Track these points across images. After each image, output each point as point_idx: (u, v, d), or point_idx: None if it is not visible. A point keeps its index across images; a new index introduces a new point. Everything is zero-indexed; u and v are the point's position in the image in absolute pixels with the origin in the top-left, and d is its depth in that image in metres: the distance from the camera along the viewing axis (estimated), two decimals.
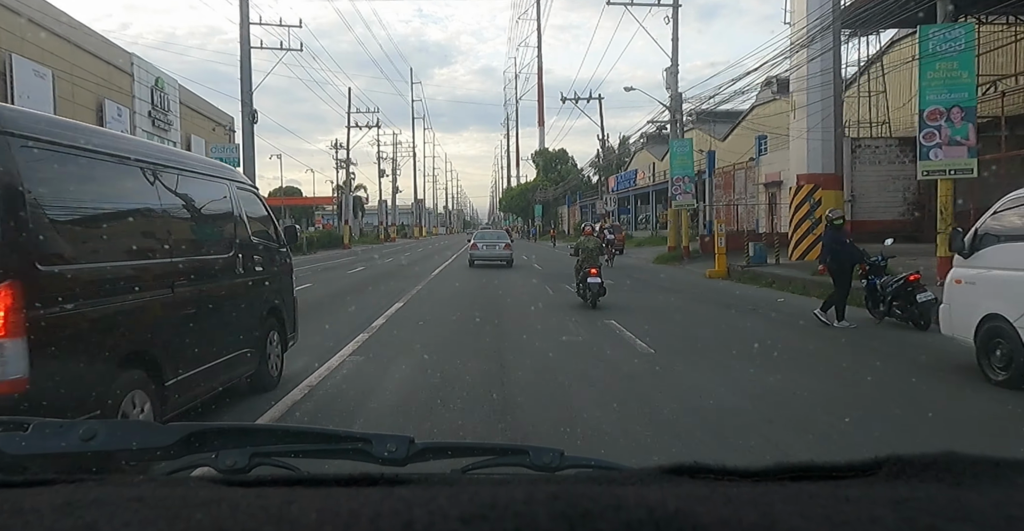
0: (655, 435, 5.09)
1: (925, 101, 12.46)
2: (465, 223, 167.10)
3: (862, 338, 9.52)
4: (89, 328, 3.99)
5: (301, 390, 6.37)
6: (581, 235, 14.06)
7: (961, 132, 12.16)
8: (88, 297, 3.96)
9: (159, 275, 4.73)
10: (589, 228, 14.94)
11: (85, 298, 3.93)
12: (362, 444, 1.03)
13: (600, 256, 13.43)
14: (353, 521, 0.55)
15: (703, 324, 11.27)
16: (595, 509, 0.55)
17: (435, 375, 7.07)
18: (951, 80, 12.25)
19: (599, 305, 12.48)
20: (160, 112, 38.65)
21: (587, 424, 5.33)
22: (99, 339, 4.05)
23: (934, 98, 12.34)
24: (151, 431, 1.04)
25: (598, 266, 12.81)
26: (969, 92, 12.36)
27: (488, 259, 24.89)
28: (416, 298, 14.81)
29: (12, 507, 0.62)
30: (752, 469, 0.76)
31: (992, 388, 6.51)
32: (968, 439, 5.09)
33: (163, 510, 0.59)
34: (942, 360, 7.77)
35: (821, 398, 6.24)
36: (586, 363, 7.89)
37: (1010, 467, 0.70)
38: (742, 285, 17.29)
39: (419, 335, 9.77)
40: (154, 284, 4.64)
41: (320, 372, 7.12)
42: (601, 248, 14.10)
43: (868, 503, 0.60)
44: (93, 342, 4.01)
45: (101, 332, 4.09)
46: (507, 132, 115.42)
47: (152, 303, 4.59)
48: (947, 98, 12.27)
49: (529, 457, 1.03)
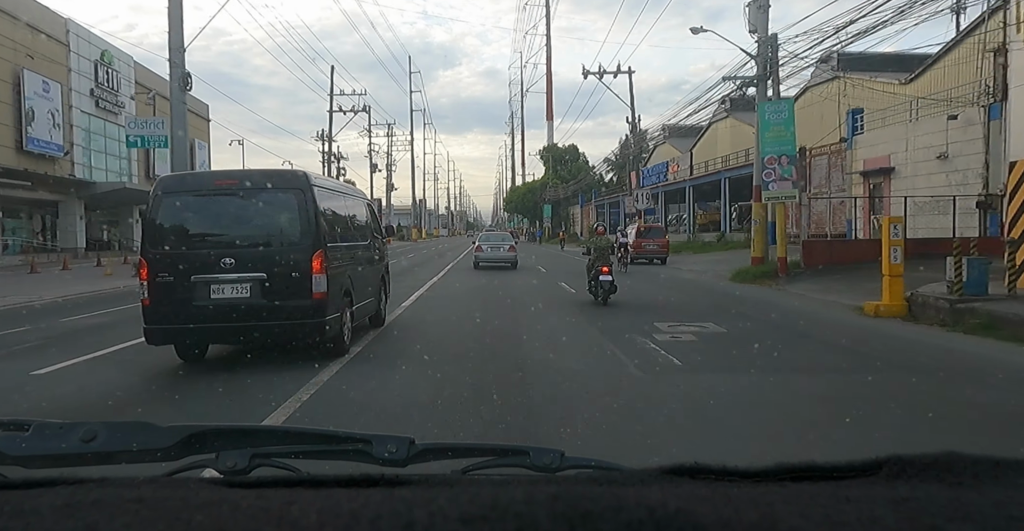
0: None
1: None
2: (468, 224, 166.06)
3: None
4: (338, 273, 7.98)
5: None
6: (593, 235, 14.46)
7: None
8: (336, 259, 8.03)
9: (350, 251, 8.92)
10: (601, 228, 15.14)
11: (336, 259, 7.98)
12: (362, 445, 1.03)
13: (611, 255, 13.63)
14: (354, 522, 0.56)
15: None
16: (595, 510, 0.55)
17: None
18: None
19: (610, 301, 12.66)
20: (107, 92, 34.37)
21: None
22: (340, 279, 8.06)
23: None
24: (151, 432, 1.04)
25: (609, 265, 13.08)
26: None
27: (493, 261, 24.98)
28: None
29: (13, 508, 0.62)
30: (752, 469, 0.76)
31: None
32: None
33: (164, 511, 0.59)
34: None
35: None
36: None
37: (1011, 467, 0.70)
38: (965, 338, 9.31)
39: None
40: (350, 255, 8.84)
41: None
42: (612, 248, 14.29)
43: (869, 503, 0.60)
44: (338, 280, 7.96)
45: (340, 275, 8.08)
46: (511, 129, 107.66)
47: (350, 264, 8.72)
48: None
49: (529, 458, 1.03)
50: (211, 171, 22.84)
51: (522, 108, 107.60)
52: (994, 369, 7.40)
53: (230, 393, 6.46)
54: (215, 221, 7.75)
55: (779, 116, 18.87)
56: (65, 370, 7.72)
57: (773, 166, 18.76)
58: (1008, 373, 7.22)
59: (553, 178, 71.23)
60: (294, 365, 7.29)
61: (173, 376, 7.36)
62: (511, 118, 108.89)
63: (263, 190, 7.68)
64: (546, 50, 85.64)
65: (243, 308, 7.26)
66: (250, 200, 7.71)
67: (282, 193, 7.62)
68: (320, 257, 7.38)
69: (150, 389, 6.89)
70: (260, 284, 7.28)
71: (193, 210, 7.73)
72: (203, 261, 7.29)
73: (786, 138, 18.78)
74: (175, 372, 7.50)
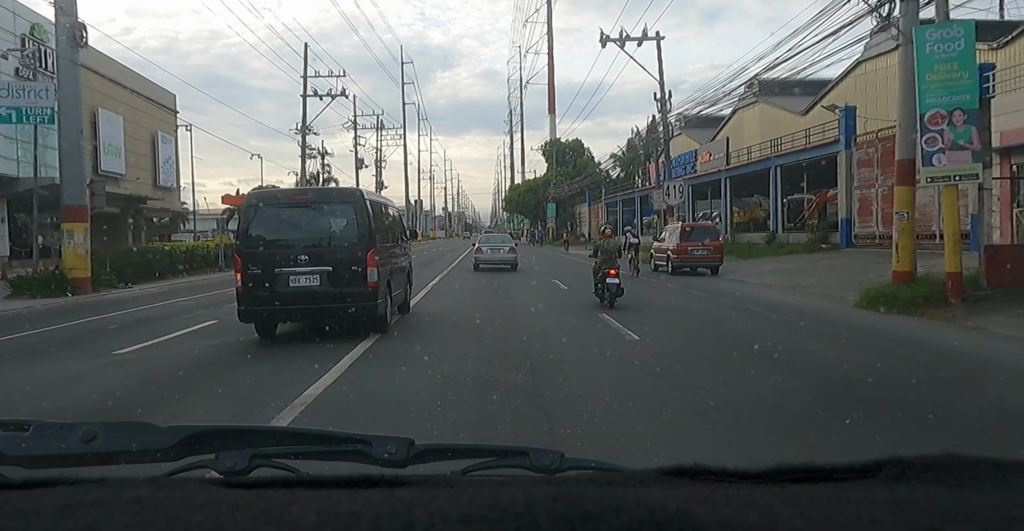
0: None
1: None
2: (466, 226, 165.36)
3: None
4: (385, 266, 9.93)
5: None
6: (601, 237, 14.47)
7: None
8: (383, 255, 9.92)
9: (390, 250, 10.87)
10: (609, 230, 15.11)
11: (383, 256, 9.87)
12: (362, 446, 1.03)
13: (618, 258, 13.50)
14: (353, 523, 0.55)
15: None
16: (595, 511, 0.55)
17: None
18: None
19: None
20: (34, 69, 26.89)
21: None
22: (384, 272, 9.84)
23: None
24: (151, 433, 1.04)
25: (617, 268, 13.01)
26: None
27: (493, 263, 25.17)
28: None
29: (13, 509, 0.62)
30: (752, 471, 0.76)
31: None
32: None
33: (163, 512, 0.59)
34: None
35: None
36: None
37: (1011, 468, 0.70)
38: None
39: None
40: (389, 253, 10.61)
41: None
42: (620, 250, 14.16)
43: (869, 505, 0.60)
44: (383, 273, 9.77)
45: (384, 269, 9.88)
46: (510, 128, 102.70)
47: (390, 260, 10.53)
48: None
49: (529, 459, 1.03)
50: (291, 188, 24.24)
51: (521, 105, 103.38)
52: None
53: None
54: (293, 226, 9.80)
55: (949, 49, 11.97)
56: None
57: (940, 128, 12.02)
58: None
59: (556, 175, 66.85)
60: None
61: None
62: (510, 115, 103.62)
63: (329, 202, 10.09)
64: (548, 38, 79.49)
65: (314, 294, 9.35)
66: (319, 210, 9.87)
67: (343, 204, 9.91)
68: (373, 254, 9.48)
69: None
70: (327, 275, 9.36)
71: (276, 218, 9.81)
72: (284, 257, 9.35)
73: (962, 82, 11.93)
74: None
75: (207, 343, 9.62)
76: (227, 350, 9.08)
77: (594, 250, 13.85)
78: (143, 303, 15.61)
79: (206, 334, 10.51)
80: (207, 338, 10.10)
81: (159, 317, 12.85)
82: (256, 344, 9.36)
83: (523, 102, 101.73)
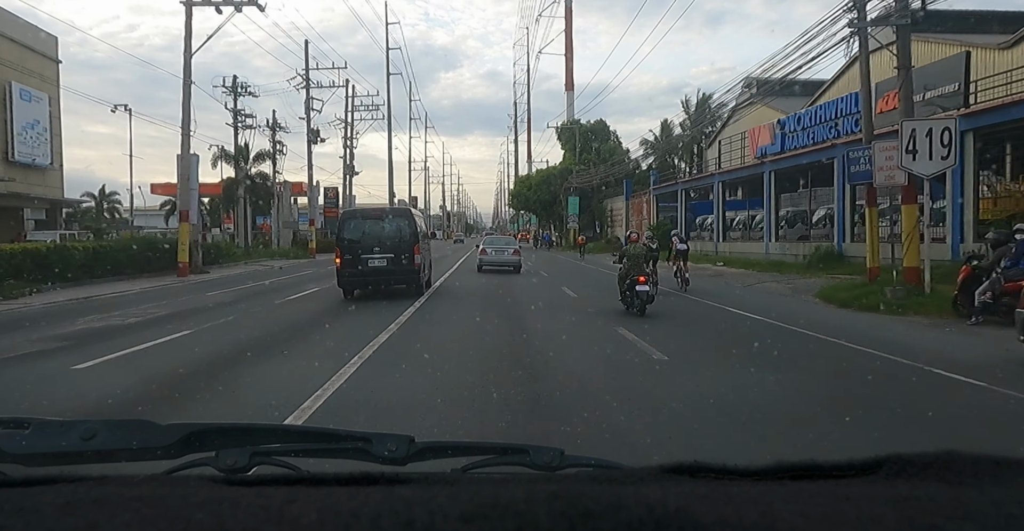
0: None
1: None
2: (467, 227, 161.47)
3: None
4: (423, 254, 16.42)
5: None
6: (627, 242, 13.89)
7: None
8: (422, 248, 16.47)
9: (425, 243, 17.30)
10: (635, 235, 14.30)
11: (422, 248, 16.41)
12: (362, 443, 1.03)
13: (646, 264, 13.01)
14: (353, 520, 0.56)
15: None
16: (595, 508, 0.55)
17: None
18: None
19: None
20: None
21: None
22: (422, 257, 16.24)
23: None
24: (151, 430, 1.04)
25: (646, 274, 12.55)
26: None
27: (496, 265, 25.35)
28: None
29: (13, 506, 0.62)
30: (752, 468, 0.76)
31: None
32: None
33: (163, 509, 0.59)
34: None
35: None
36: None
37: (1011, 466, 0.70)
38: None
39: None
40: (424, 246, 17.05)
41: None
42: (645, 257, 13.37)
43: (868, 502, 0.60)
44: (422, 258, 16.18)
45: (422, 256, 16.24)
46: (515, 120, 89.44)
47: (424, 251, 16.81)
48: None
49: (529, 456, 1.03)
50: (368, 206, 29.49)
51: (527, 96, 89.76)
52: None
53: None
54: (370, 229, 15.90)
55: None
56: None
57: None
58: None
59: (575, 163, 54.86)
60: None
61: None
62: (514, 110, 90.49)
63: (392, 216, 16.83)
64: (565, 3, 71.02)
65: (383, 270, 15.46)
66: (386, 219, 16.38)
67: (400, 217, 16.52)
68: (417, 247, 15.64)
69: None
70: (390, 259, 15.44)
71: (360, 224, 16.06)
72: (364, 248, 15.42)
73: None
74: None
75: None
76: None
77: (619, 256, 13.52)
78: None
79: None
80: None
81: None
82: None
83: (530, 94, 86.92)
